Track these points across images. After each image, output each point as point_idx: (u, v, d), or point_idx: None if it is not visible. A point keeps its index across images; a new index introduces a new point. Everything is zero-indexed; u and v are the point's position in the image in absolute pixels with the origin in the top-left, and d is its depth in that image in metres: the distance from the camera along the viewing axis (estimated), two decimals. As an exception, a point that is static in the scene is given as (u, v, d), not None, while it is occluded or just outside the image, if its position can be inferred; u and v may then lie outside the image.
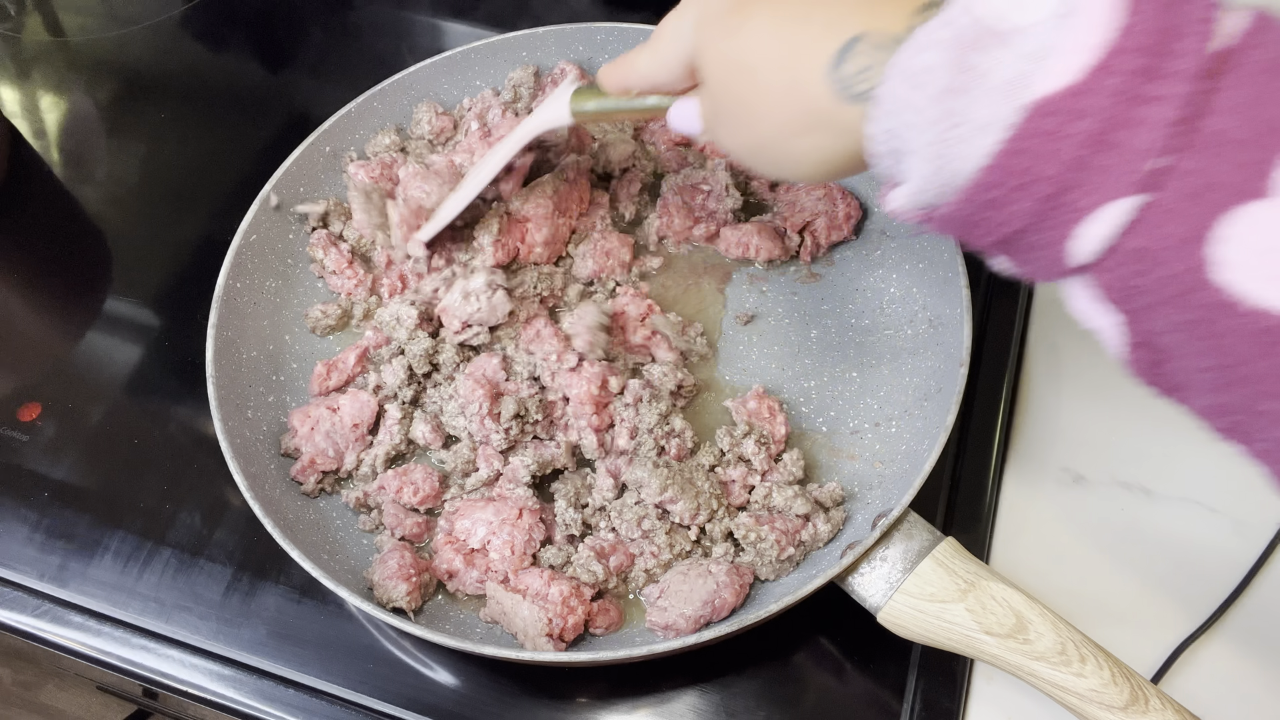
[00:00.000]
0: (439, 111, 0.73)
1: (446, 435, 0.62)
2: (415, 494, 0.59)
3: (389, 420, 0.61)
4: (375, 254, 0.68)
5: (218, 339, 0.60)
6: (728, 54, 0.38)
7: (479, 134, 0.71)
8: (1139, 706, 0.45)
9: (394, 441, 0.60)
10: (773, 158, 0.38)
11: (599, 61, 0.75)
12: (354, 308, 0.67)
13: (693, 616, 0.53)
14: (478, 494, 0.59)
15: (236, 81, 0.87)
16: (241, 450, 0.57)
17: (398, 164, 0.71)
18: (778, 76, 0.35)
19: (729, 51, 0.38)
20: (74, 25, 0.92)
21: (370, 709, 0.56)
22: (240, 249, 0.64)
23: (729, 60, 0.38)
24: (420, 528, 0.59)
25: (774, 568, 0.55)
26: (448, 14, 0.90)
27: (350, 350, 0.64)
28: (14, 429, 0.67)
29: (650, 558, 0.56)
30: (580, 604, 0.54)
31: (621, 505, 0.57)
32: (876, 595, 0.51)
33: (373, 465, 0.60)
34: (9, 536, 0.63)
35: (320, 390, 0.63)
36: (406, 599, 0.53)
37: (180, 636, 0.59)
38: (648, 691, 0.56)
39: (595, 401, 0.59)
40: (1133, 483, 0.62)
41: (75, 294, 0.74)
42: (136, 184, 0.80)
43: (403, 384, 0.61)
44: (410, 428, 0.61)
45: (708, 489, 0.57)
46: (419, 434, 0.61)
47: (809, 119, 0.35)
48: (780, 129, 0.36)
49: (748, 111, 0.38)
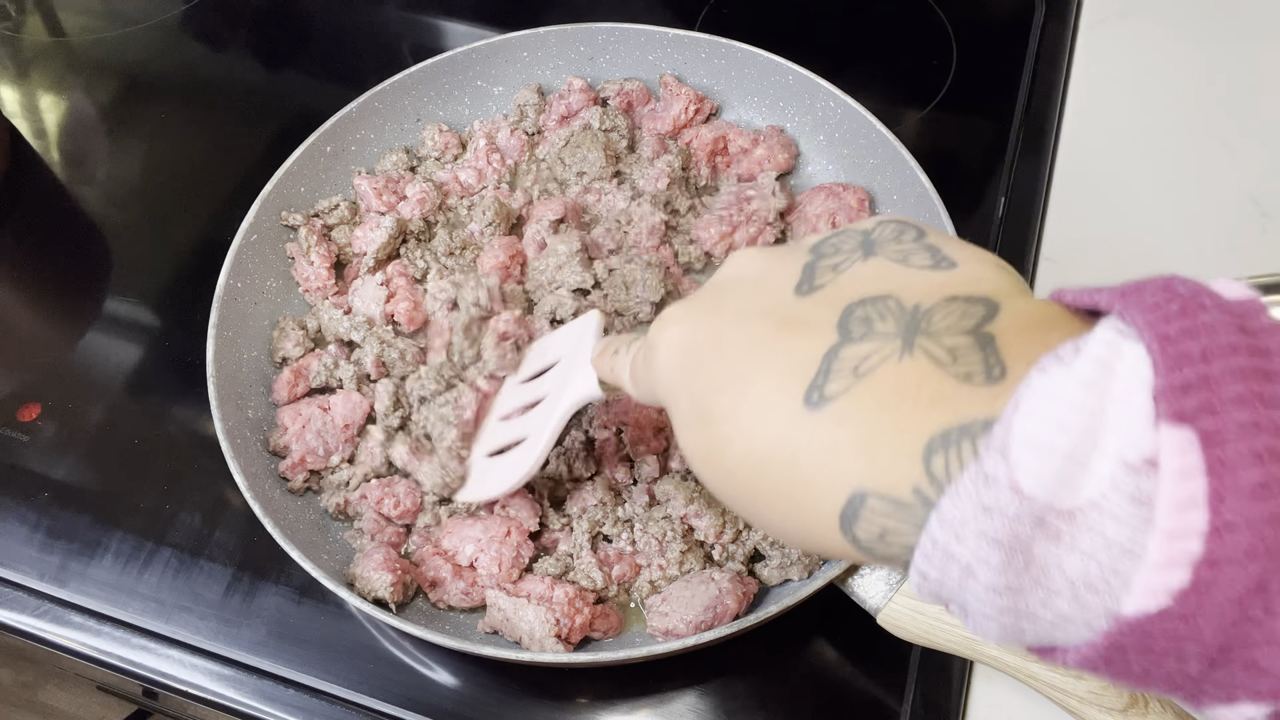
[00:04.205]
0: (443, 130, 0.73)
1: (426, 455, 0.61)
2: (395, 506, 0.59)
3: (371, 441, 0.61)
4: (351, 265, 0.69)
5: (218, 339, 0.60)
6: (714, 468, 0.30)
7: (486, 150, 0.72)
8: (1138, 709, 0.45)
9: (375, 464, 0.60)
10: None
11: (599, 61, 0.75)
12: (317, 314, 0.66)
13: (694, 622, 0.53)
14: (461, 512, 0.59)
15: (236, 81, 0.87)
16: (241, 450, 0.57)
17: (404, 181, 0.71)
18: (782, 513, 0.28)
19: (715, 467, 0.30)
20: (74, 25, 0.92)
21: (370, 709, 0.56)
22: (240, 249, 0.64)
23: (717, 475, 0.30)
24: (399, 537, 0.59)
25: (803, 564, 0.55)
26: (448, 14, 0.90)
27: (312, 358, 0.64)
28: (14, 429, 0.67)
29: (657, 570, 0.56)
30: (585, 605, 0.54)
31: (648, 518, 0.57)
32: (876, 597, 0.51)
33: (350, 479, 0.60)
34: (9, 536, 0.63)
35: (289, 398, 0.62)
36: (390, 590, 0.53)
37: (180, 636, 0.59)
38: (648, 692, 0.56)
39: (653, 425, 0.59)
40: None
41: (75, 294, 0.74)
42: (136, 184, 0.80)
43: (388, 410, 0.61)
44: (390, 449, 0.61)
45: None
46: (396, 456, 0.60)
47: (831, 551, 0.28)
48: (801, 544, 0.29)
49: (755, 519, 0.30)
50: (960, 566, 0.23)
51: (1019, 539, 0.21)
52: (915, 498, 0.24)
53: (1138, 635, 0.20)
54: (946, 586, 0.24)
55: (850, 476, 0.25)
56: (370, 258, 0.66)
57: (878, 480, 0.24)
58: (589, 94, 0.74)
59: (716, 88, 0.75)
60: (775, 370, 0.28)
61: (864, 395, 0.25)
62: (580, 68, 0.76)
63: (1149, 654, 0.21)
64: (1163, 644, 0.20)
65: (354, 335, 0.64)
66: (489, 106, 0.76)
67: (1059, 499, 0.21)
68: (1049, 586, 0.21)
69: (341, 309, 0.66)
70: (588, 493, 0.59)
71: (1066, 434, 0.21)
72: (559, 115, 0.74)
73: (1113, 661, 0.21)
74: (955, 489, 0.22)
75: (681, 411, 0.32)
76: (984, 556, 0.22)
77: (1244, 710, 0.21)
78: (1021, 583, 0.22)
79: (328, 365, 0.63)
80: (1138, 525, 0.20)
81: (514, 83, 0.76)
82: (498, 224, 0.68)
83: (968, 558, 0.22)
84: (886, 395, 0.25)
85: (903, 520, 0.24)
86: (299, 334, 0.64)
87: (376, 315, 0.65)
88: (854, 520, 0.25)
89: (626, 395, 0.44)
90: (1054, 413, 0.21)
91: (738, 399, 0.29)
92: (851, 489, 0.25)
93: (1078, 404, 0.21)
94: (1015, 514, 0.21)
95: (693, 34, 0.73)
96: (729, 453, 0.29)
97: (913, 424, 0.24)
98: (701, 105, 0.73)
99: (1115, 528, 0.20)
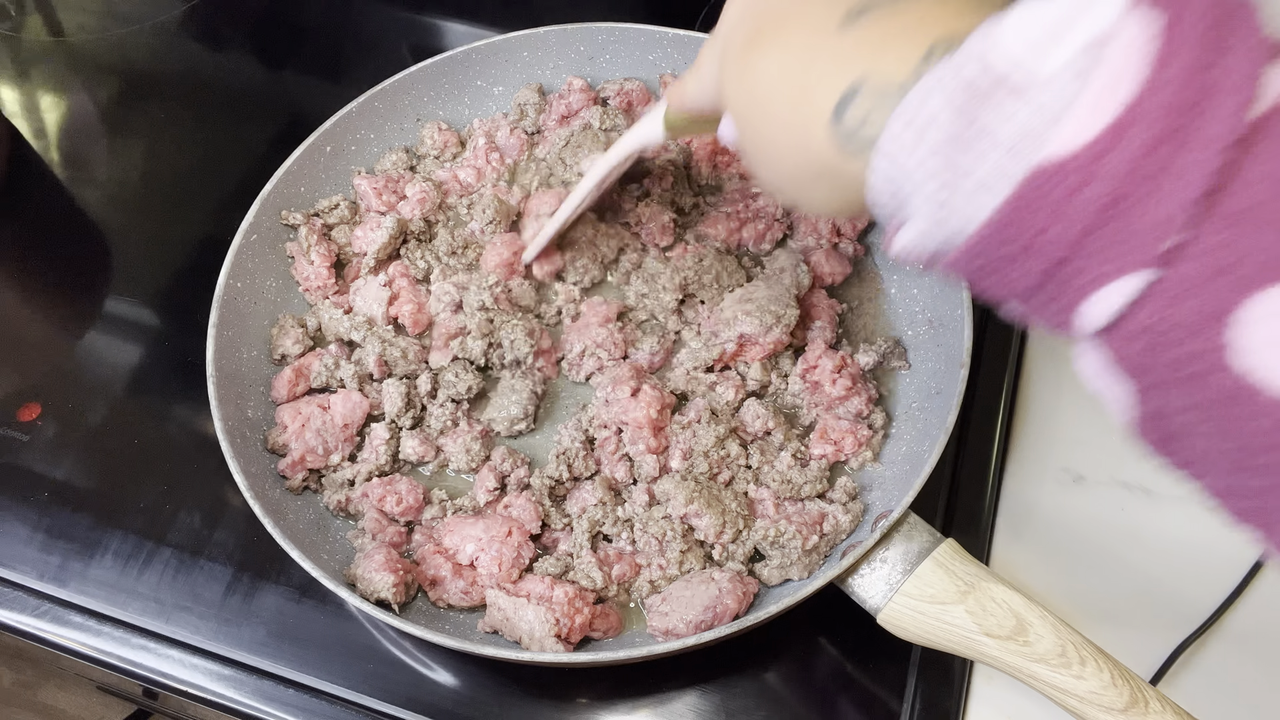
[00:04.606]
0: (442, 128, 0.73)
1: (437, 448, 0.62)
2: (398, 504, 0.59)
3: (375, 439, 0.61)
4: (351, 264, 0.69)
5: (218, 339, 0.60)
6: (741, 93, 0.37)
7: (485, 149, 0.72)
8: (1139, 708, 0.45)
9: (379, 461, 0.60)
10: (791, 197, 0.38)
11: (600, 61, 0.75)
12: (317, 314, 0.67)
13: (694, 622, 0.53)
14: (465, 510, 0.59)
15: (236, 81, 0.87)
16: (241, 450, 0.57)
17: (404, 180, 0.71)
18: (786, 123, 0.34)
19: (742, 91, 0.37)
20: (74, 25, 0.92)
21: (370, 709, 0.56)
22: (240, 249, 0.64)
23: (742, 100, 0.37)
24: (401, 537, 0.59)
25: (803, 563, 0.55)
26: (448, 14, 0.90)
27: (313, 357, 0.64)
28: (14, 429, 0.67)
29: (657, 570, 0.56)
30: (585, 604, 0.54)
31: (648, 518, 0.57)
32: (876, 596, 0.51)
33: (353, 478, 0.60)
34: (9, 536, 0.63)
35: (289, 396, 0.63)
36: (392, 590, 0.53)
37: (180, 636, 0.59)
38: (648, 692, 0.56)
39: (653, 425, 0.59)
40: (1133, 483, 0.62)
41: (75, 294, 0.74)
42: (136, 184, 0.80)
43: (400, 411, 0.61)
44: (398, 446, 0.61)
45: (735, 507, 0.57)
46: (408, 449, 0.61)
47: (816, 168, 0.33)
48: (791, 176, 0.36)
49: (763, 153, 0.37)
50: (916, 130, 0.27)
51: (972, 98, 0.26)
52: (901, 90, 0.29)
53: (1043, 185, 0.24)
54: (899, 160, 0.28)
55: (855, 71, 0.31)
56: (371, 257, 0.66)
57: (878, 70, 0.30)
58: (589, 94, 0.74)
59: (716, 87, 0.75)
60: (823, 7, 0.34)
61: (890, 18, 0.32)
62: (580, 68, 0.76)
63: (1056, 205, 0.24)
64: (1071, 191, 0.24)
65: (354, 335, 0.64)
66: (489, 106, 0.76)
67: (1015, 74, 0.25)
68: (986, 142, 0.26)
69: (342, 308, 0.66)
70: (588, 492, 0.59)
71: (1037, 26, 0.25)
72: (559, 115, 0.74)
73: (1010, 226, 0.25)
74: (935, 70, 0.27)
75: (734, 51, 0.38)
76: (936, 115, 0.27)
77: (1117, 289, 0.24)
78: (964, 136, 0.26)
79: (329, 365, 0.63)
80: (1072, 97, 0.24)
81: (514, 83, 0.76)
82: (498, 221, 0.68)
83: (925, 119, 0.27)
84: (908, 20, 0.31)
85: (887, 105, 0.29)
86: (298, 331, 0.64)
87: (378, 315, 0.65)
88: (846, 107, 0.31)
89: (687, 132, 0.51)
90: (1032, 13, 0.26)
91: (784, 21, 0.35)
92: (852, 79, 0.31)
93: (1055, 9, 0.25)
94: (973, 78, 0.26)
95: (693, 34, 0.73)
96: (759, 71, 0.35)
97: (921, 35, 0.30)
98: (701, 105, 0.73)
99: (1056, 93, 0.25)
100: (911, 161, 0.28)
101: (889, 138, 0.28)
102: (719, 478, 0.58)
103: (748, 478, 0.59)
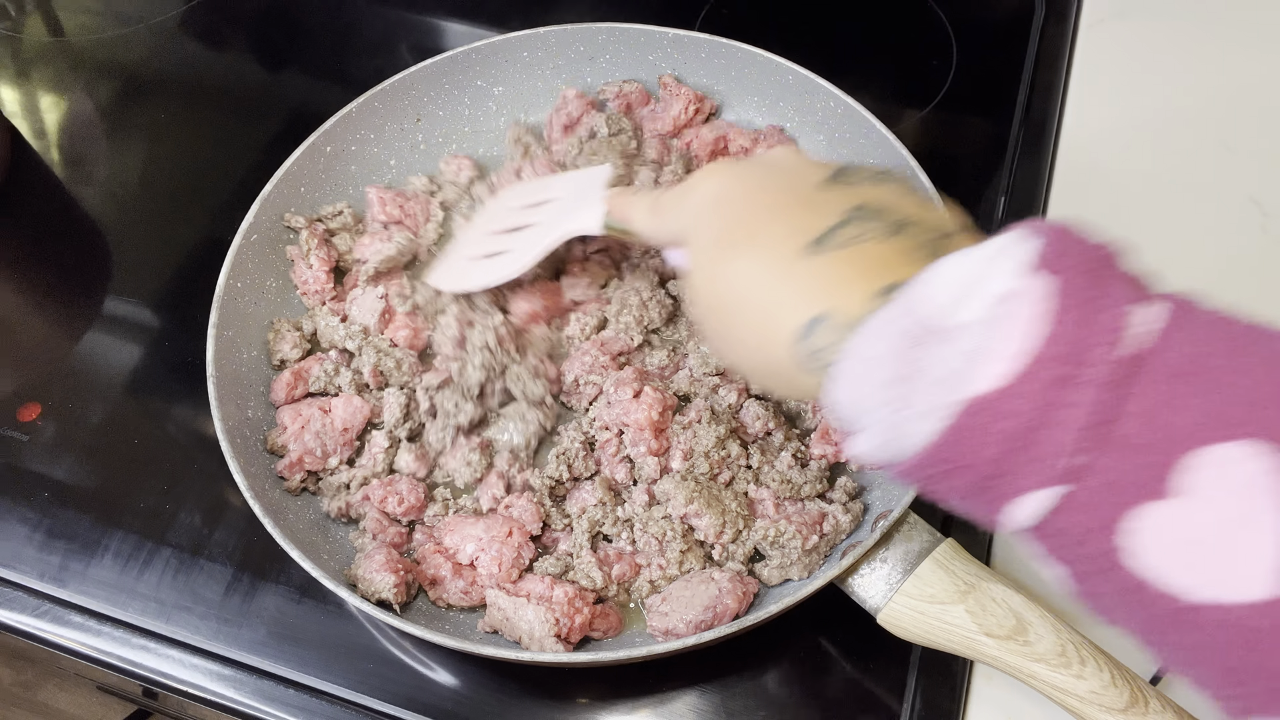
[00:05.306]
0: (457, 157, 0.73)
1: (433, 464, 0.62)
2: (400, 504, 0.59)
3: (374, 446, 0.61)
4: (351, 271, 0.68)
5: (218, 339, 0.60)
6: (714, 290, 0.40)
7: (511, 171, 0.71)
8: (1139, 708, 0.45)
9: (376, 469, 0.60)
10: (748, 376, 0.43)
11: (599, 61, 0.75)
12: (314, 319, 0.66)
13: (694, 622, 0.53)
14: (466, 510, 0.59)
15: (236, 81, 0.87)
16: (241, 450, 0.57)
17: (417, 200, 0.71)
18: (754, 327, 0.38)
19: (715, 289, 0.40)
20: (74, 25, 0.92)
21: (370, 709, 0.56)
22: (240, 249, 0.64)
23: (714, 295, 0.40)
24: (402, 538, 0.59)
25: (803, 563, 0.55)
26: (448, 14, 0.90)
27: (313, 361, 0.64)
28: (14, 429, 0.67)
29: (657, 570, 0.56)
30: (585, 604, 0.54)
31: (648, 518, 0.57)
32: (876, 596, 0.51)
33: (349, 482, 0.60)
34: (9, 536, 0.63)
35: (287, 399, 0.62)
36: (393, 591, 0.53)
37: (180, 636, 0.59)
38: (648, 692, 0.56)
39: (654, 427, 0.59)
40: (1132, 484, 0.61)
41: (75, 294, 0.74)
42: (136, 184, 0.80)
43: (398, 422, 0.61)
44: (395, 457, 0.61)
45: (735, 507, 0.57)
46: (404, 463, 0.61)
47: (777, 369, 0.38)
48: (753, 368, 0.40)
49: (727, 344, 0.41)
50: (865, 365, 0.32)
51: (907, 343, 0.30)
52: (856, 326, 0.33)
53: (974, 416, 0.29)
54: (852, 387, 0.32)
55: (820, 302, 0.35)
56: (370, 266, 0.66)
57: (839, 307, 0.35)
58: (585, 99, 0.74)
59: (716, 88, 0.75)
60: (789, 226, 0.38)
61: (853, 255, 0.36)
62: (580, 67, 0.76)
63: (979, 434, 0.29)
64: (990, 423, 0.29)
65: (349, 344, 0.64)
66: (489, 106, 0.76)
67: (940, 321, 0.30)
68: (922, 380, 0.30)
69: (338, 315, 0.66)
70: (588, 493, 0.59)
71: (957, 281, 0.30)
72: (561, 125, 0.73)
73: (946, 448, 0.30)
74: (880, 313, 0.32)
75: (701, 242, 0.42)
76: (882, 356, 0.31)
77: (1033, 499, 0.29)
78: (904, 373, 0.30)
79: (328, 371, 0.63)
80: (990, 338, 0.29)
81: (514, 83, 0.76)
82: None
83: (872, 357, 0.32)
84: (868, 259, 0.36)
85: (843, 338, 0.33)
86: (295, 335, 0.64)
87: (373, 325, 0.65)
88: (810, 333, 0.35)
89: (620, 238, 0.54)
90: (954, 269, 0.31)
91: (753, 236, 0.39)
92: (818, 310, 0.35)
93: (972, 266, 0.30)
94: (907, 328, 0.31)
95: (692, 34, 0.73)
96: (730, 277, 0.39)
97: (877, 277, 0.35)
98: (701, 105, 0.73)
99: (975, 341, 0.29)
100: (863, 391, 0.32)
101: (844, 369, 0.33)
102: (719, 478, 0.58)
103: (748, 478, 0.59)
